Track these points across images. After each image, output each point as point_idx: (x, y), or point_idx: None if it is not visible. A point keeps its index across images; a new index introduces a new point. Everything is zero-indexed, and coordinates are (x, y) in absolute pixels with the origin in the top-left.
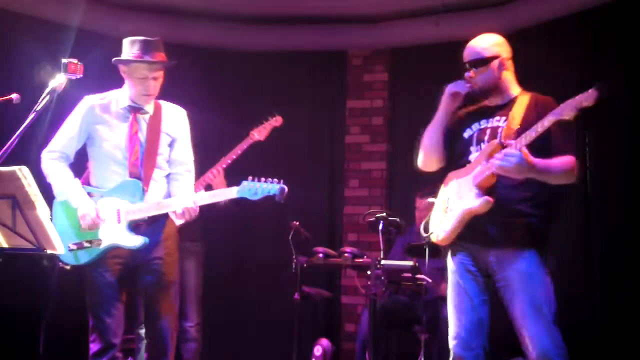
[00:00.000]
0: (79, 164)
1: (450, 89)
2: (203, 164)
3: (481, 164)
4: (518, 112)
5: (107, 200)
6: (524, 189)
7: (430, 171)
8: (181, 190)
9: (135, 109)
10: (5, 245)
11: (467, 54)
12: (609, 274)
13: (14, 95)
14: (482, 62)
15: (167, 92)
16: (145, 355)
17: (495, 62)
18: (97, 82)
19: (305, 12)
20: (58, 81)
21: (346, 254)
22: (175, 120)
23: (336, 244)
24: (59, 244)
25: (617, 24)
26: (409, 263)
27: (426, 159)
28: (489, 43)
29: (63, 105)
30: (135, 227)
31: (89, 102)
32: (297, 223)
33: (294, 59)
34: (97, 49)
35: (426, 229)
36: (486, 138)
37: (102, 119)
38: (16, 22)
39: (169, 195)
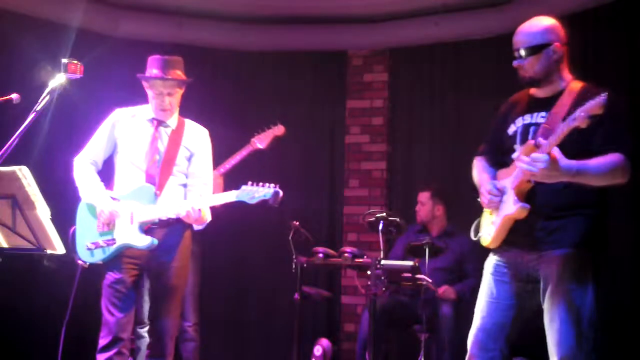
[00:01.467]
0: (108, 173)
1: None
2: None
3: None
4: (562, 107)
5: (123, 203)
6: (565, 193)
7: None
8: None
9: (158, 122)
10: (5, 245)
11: (518, 40)
12: (608, 274)
13: (14, 95)
14: (534, 50)
15: None
16: (146, 352)
17: (549, 50)
18: (101, 82)
19: (305, 12)
20: (58, 81)
21: (346, 254)
22: (196, 137)
23: (336, 244)
24: (59, 244)
25: (617, 24)
26: (409, 263)
27: None
28: (540, 28)
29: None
30: (147, 229)
31: (118, 114)
32: (297, 223)
33: (294, 59)
34: (97, 49)
35: (476, 231)
36: (530, 137)
37: (128, 131)
38: (16, 22)
39: None
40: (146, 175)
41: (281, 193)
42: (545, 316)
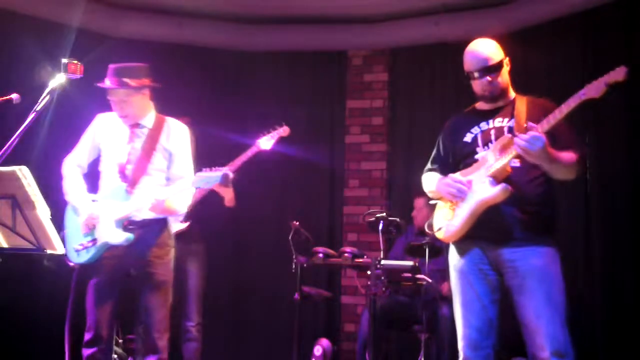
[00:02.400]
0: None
1: None
2: (201, 163)
3: (495, 156)
4: (521, 111)
5: (101, 203)
6: (537, 184)
7: None
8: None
9: (133, 125)
10: (5, 245)
11: (478, 62)
12: (609, 274)
13: (14, 95)
14: (496, 67)
15: (167, 93)
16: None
17: (505, 66)
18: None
19: (305, 12)
20: (58, 81)
21: (346, 254)
22: (175, 136)
23: (336, 244)
24: (59, 244)
25: (617, 24)
26: (409, 263)
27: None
28: (494, 47)
29: (63, 105)
30: (125, 228)
31: (100, 120)
32: (297, 223)
33: (294, 59)
34: (97, 49)
35: (430, 227)
36: (492, 138)
37: (108, 135)
38: (16, 22)
39: None
40: (119, 174)
41: (231, 175)
42: (526, 311)
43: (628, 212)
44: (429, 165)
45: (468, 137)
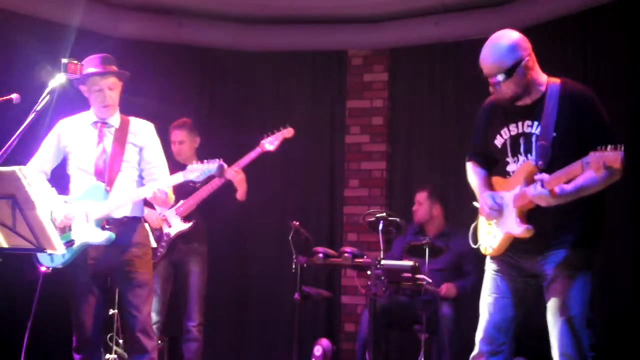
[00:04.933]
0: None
1: None
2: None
3: (521, 184)
4: (550, 113)
5: (76, 204)
6: (566, 204)
7: None
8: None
9: (102, 124)
10: (5, 245)
11: (488, 69)
12: (609, 274)
13: (14, 95)
14: (508, 72)
15: (167, 93)
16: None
17: (520, 68)
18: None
19: (305, 12)
20: (58, 81)
21: (346, 254)
22: (141, 133)
23: (336, 244)
24: (59, 244)
25: (617, 24)
26: (409, 263)
27: None
28: (506, 49)
29: (63, 105)
30: (104, 227)
31: (62, 124)
32: (297, 223)
33: (294, 59)
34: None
35: (474, 240)
36: (522, 149)
37: (74, 138)
38: (16, 22)
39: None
40: (95, 175)
41: (225, 166)
42: (549, 313)
43: (628, 212)
44: (470, 152)
45: (498, 141)
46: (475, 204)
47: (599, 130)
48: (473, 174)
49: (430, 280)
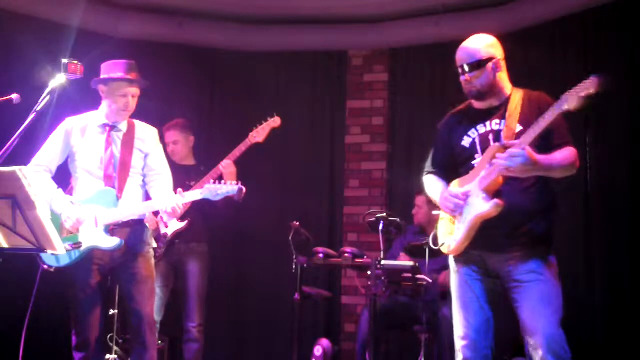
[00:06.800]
0: (65, 179)
1: None
2: (205, 164)
3: (485, 167)
4: (514, 111)
5: (85, 207)
6: (532, 192)
7: None
8: (159, 192)
9: (110, 127)
10: (5, 245)
11: (461, 57)
12: (609, 274)
13: (14, 95)
14: (478, 64)
15: (167, 93)
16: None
17: (490, 64)
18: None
19: (305, 12)
20: (58, 81)
21: (346, 254)
22: (147, 138)
23: (336, 244)
24: (59, 244)
25: (617, 24)
26: (409, 263)
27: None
28: (482, 44)
29: (63, 105)
30: (111, 230)
31: (69, 123)
32: (297, 223)
33: (294, 59)
34: (97, 49)
35: (435, 242)
36: (491, 143)
37: (80, 138)
38: (16, 22)
39: (146, 200)
40: (104, 179)
41: (244, 189)
42: (521, 310)
43: (628, 212)
44: (428, 167)
45: (466, 141)
46: (435, 212)
47: (559, 125)
48: (435, 182)
49: (430, 281)
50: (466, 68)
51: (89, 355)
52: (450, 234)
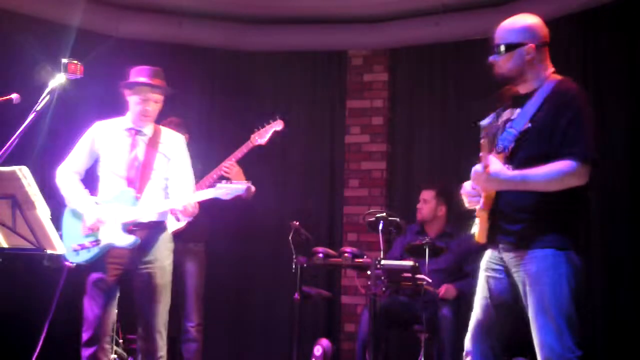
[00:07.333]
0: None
1: None
2: (204, 163)
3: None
4: (533, 104)
5: (106, 207)
6: (525, 194)
7: None
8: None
9: (135, 132)
10: (5, 245)
11: (497, 36)
12: (609, 274)
13: (14, 95)
14: (508, 47)
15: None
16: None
17: (522, 50)
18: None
19: (305, 12)
20: (58, 81)
21: (346, 254)
22: (172, 143)
23: (336, 244)
24: (59, 244)
25: (617, 24)
26: (409, 263)
27: None
28: (517, 27)
29: (63, 105)
30: (129, 231)
31: (98, 127)
32: (297, 223)
33: (294, 59)
34: (97, 49)
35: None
36: (499, 134)
37: (108, 143)
38: (16, 22)
39: None
40: (127, 180)
41: (253, 188)
42: (526, 316)
43: (628, 212)
44: None
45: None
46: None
47: (569, 131)
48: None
49: (430, 281)
50: (501, 49)
51: (100, 349)
52: (475, 224)
